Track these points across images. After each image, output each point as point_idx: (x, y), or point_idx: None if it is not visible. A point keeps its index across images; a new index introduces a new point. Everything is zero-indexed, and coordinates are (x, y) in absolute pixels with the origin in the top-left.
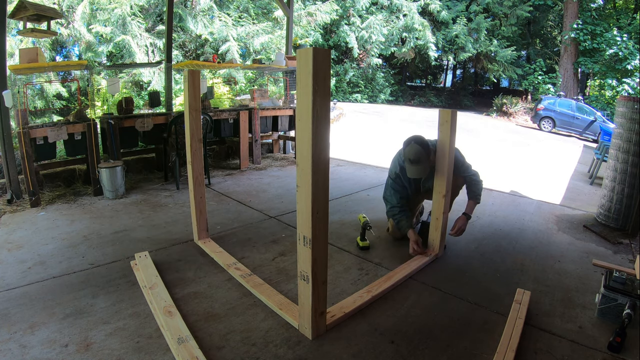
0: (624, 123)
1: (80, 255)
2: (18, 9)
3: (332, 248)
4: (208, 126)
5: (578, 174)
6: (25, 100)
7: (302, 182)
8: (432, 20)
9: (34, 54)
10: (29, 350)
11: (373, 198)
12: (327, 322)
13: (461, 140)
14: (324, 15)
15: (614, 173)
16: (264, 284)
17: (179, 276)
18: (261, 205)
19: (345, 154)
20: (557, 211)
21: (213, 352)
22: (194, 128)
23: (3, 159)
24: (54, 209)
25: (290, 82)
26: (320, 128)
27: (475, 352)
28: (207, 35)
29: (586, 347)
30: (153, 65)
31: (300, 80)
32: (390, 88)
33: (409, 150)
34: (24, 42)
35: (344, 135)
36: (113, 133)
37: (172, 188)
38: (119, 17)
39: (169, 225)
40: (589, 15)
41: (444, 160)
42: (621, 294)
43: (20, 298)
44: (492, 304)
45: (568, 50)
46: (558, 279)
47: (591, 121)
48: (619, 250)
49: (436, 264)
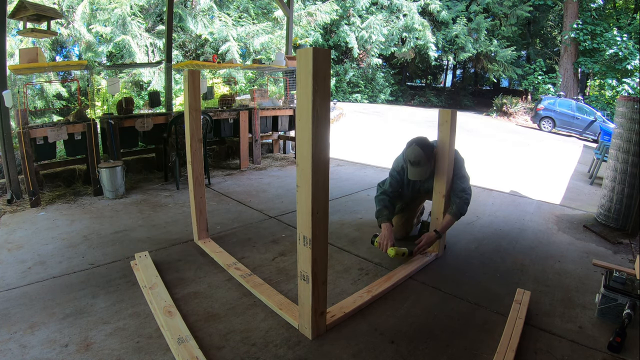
0: (624, 123)
1: (80, 255)
2: (18, 9)
3: (332, 248)
4: (208, 126)
5: (578, 174)
6: (25, 100)
7: (302, 182)
8: (432, 20)
9: (34, 54)
10: (29, 350)
11: (373, 198)
12: (327, 322)
13: (461, 140)
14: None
15: (614, 173)
16: (264, 284)
17: (179, 276)
18: (261, 205)
19: (345, 154)
20: (557, 211)
21: (213, 352)
22: (194, 128)
23: (3, 159)
24: (54, 209)
25: (290, 82)
26: (320, 128)
27: (475, 352)
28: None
29: (586, 347)
30: (153, 65)
31: (300, 80)
32: (390, 88)
33: (410, 152)
34: (24, 42)
35: (344, 135)
36: (113, 133)
37: (172, 188)
38: (119, 17)
39: (169, 225)
40: (589, 15)
41: (443, 161)
42: (621, 294)
43: (20, 298)
44: (492, 304)
45: (568, 50)
46: (558, 279)
47: (591, 121)
48: (619, 250)
49: (436, 264)
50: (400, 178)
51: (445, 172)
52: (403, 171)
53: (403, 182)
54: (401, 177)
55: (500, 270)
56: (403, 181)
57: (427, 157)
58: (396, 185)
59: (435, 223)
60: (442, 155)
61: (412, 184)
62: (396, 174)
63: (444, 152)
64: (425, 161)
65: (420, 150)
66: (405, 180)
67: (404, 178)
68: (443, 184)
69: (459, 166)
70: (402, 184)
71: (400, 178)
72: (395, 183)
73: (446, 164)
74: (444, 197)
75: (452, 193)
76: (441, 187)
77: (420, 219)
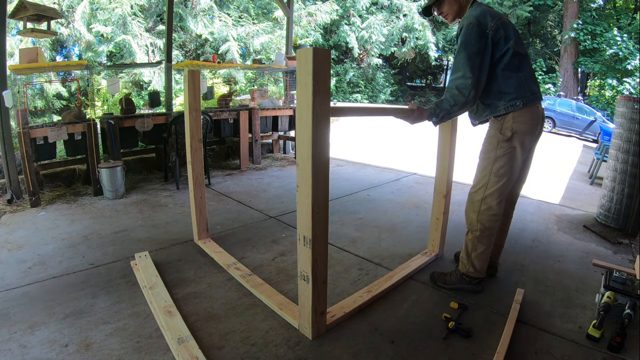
0: (624, 123)
1: (80, 255)
2: (18, 9)
3: (332, 248)
4: (208, 126)
5: (578, 174)
6: (25, 100)
7: (302, 182)
8: (432, 20)
9: (34, 54)
10: (29, 350)
11: (373, 198)
12: (327, 322)
13: (461, 140)
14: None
15: (614, 173)
16: (264, 284)
17: (179, 276)
18: (261, 205)
19: (345, 154)
20: (557, 211)
21: (213, 352)
22: (194, 128)
23: (3, 159)
24: (54, 209)
25: (290, 82)
26: (320, 128)
27: (475, 352)
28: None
29: (586, 347)
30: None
31: (300, 80)
32: (390, 88)
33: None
34: (24, 42)
35: (344, 135)
36: (113, 133)
37: (172, 188)
38: (120, 17)
39: (169, 225)
40: (589, 15)
41: (444, 161)
42: (621, 294)
43: (20, 298)
44: (492, 304)
45: (568, 50)
46: (558, 279)
47: (591, 121)
48: (619, 250)
49: (436, 264)
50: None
51: (446, 172)
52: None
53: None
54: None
55: (500, 270)
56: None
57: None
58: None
59: (435, 223)
60: (443, 155)
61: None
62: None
63: (444, 153)
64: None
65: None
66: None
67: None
68: (444, 184)
69: (459, 47)
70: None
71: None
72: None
73: (446, 164)
74: (445, 197)
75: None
76: (441, 186)
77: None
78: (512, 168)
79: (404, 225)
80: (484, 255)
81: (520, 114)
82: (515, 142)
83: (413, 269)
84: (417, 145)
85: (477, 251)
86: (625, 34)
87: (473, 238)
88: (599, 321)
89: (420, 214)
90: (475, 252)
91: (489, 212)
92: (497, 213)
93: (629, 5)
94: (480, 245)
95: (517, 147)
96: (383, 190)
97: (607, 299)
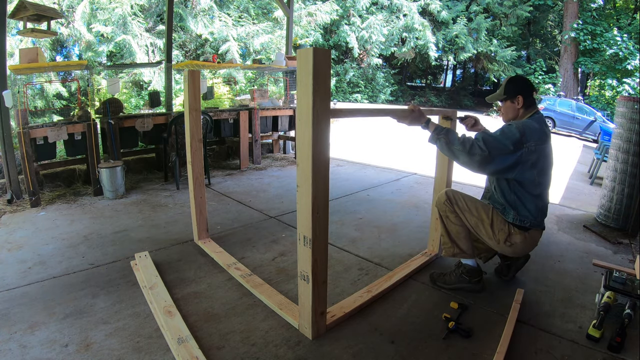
0: (624, 123)
1: (80, 255)
2: (18, 9)
3: (332, 248)
4: (208, 126)
5: (578, 174)
6: (26, 100)
7: (302, 182)
8: (432, 20)
9: (34, 54)
10: (29, 350)
11: (373, 198)
12: (327, 322)
13: None
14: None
15: (614, 173)
16: (264, 284)
17: (179, 276)
18: (261, 205)
19: (345, 154)
20: (557, 211)
21: (213, 352)
22: (194, 128)
23: (3, 159)
24: (54, 209)
25: (290, 82)
26: (320, 128)
27: (475, 352)
28: (207, 35)
29: (586, 347)
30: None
31: (300, 80)
32: (390, 88)
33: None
34: (24, 42)
35: (344, 135)
36: (113, 133)
37: (172, 188)
38: (120, 17)
39: (169, 225)
40: (589, 15)
41: (443, 161)
42: (621, 294)
43: (20, 298)
44: (492, 304)
45: (568, 50)
46: (558, 279)
47: (591, 121)
48: (619, 250)
49: (436, 264)
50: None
51: (446, 171)
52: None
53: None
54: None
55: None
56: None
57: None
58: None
59: (435, 223)
60: (443, 156)
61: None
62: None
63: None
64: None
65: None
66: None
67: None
68: (444, 184)
69: (500, 130)
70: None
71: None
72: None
73: (446, 164)
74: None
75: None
76: (441, 186)
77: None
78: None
79: (404, 225)
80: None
81: (521, 233)
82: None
83: (413, 269)
84: (417, 146)
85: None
86: (625, 34)
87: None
88: (599, 321)
89: (420, 214)
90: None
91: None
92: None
93: (629, 5)
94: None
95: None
96: (383, 190)
97: (607, 299)
